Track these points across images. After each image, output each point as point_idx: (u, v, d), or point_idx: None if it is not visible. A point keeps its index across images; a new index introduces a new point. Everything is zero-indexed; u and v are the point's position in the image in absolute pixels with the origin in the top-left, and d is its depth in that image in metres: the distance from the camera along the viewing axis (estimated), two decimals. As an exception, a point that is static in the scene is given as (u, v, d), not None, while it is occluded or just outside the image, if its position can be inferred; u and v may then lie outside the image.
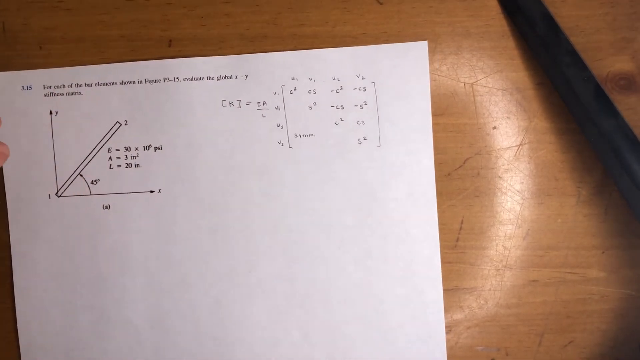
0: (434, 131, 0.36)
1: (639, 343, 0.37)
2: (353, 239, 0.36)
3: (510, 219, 0.37)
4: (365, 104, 0.36)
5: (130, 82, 0.36)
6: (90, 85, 0.36)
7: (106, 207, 0.37)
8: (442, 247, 0.37)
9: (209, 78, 0.36)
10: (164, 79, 0.36)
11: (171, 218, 0.37)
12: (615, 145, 0.34)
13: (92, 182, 0.37)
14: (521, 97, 0.37)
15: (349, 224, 0.36)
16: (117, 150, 0.37)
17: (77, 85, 0.36)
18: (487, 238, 0.37)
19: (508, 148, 0.37)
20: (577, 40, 0.36)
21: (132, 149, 0.37)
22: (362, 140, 0.36)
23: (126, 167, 0.37)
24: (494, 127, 0.37)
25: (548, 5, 0.36)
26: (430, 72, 0.36)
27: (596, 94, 0.34)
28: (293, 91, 0.36)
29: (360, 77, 0.36)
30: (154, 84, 0.36)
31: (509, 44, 0.37)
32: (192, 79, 0.36)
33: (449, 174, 0.37)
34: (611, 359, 0.37)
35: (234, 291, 0.37)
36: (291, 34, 0.37)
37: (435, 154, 0.36)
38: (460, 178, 0.37)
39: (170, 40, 0.37)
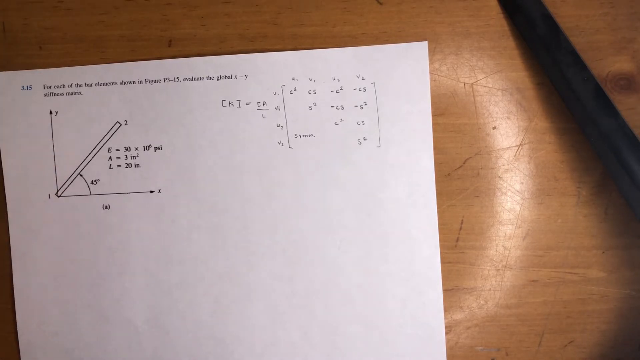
0: (434, 131, 0.36)
1: (639, 343, 0.37)
2: (353, 239, 0.36)
3: (510, 219, 0.37)
4: (365, 105, 0.36)
5: (130, 82, 0.36)
6: (90, 85, 0.36)
7: (106, 207, 0.37)
8: (442, 247, 0.37)
9: (209, 78, 0.36)
10: (164, 79, 0.36)
11: (171, 218, 0.37)
12: (615, 145, 0.34)
13: (92, 182, 0.37)
14: (521, 97, 0.37)
15: (349, 224, 0.36)
16: (117, 150, 0.37)
17: (77, 85, 0.36)
18: (487, 238, 0.37)
19: (508, 148, 0.37)
20: (577, 40, 0.36)
21: (132, 149, 0.37)
22: (362, 140, 0.36)
23: (126, 167, 0.37)
24: (494, 127, 0.37)
25: (548, 5, 0.36)
26: (430, 72, 0.36)
27: (596, 94, 0.34)
28: (293, 91, 0.36)
29: (360, 78, 0.36)
30: (154, 84, 0.36)
31: (509, 44, 0.37)
32: (191, 79, 0.36)
33: (448, 174, 0.37)
34: (611, 359, 0.37)
35: (234, 291, 0.37)
36: (291, 34, 0.37)
37: (435, 154, 0.36)
38: (460, 178, 0.37)
39: (170, 40, 0.37)
